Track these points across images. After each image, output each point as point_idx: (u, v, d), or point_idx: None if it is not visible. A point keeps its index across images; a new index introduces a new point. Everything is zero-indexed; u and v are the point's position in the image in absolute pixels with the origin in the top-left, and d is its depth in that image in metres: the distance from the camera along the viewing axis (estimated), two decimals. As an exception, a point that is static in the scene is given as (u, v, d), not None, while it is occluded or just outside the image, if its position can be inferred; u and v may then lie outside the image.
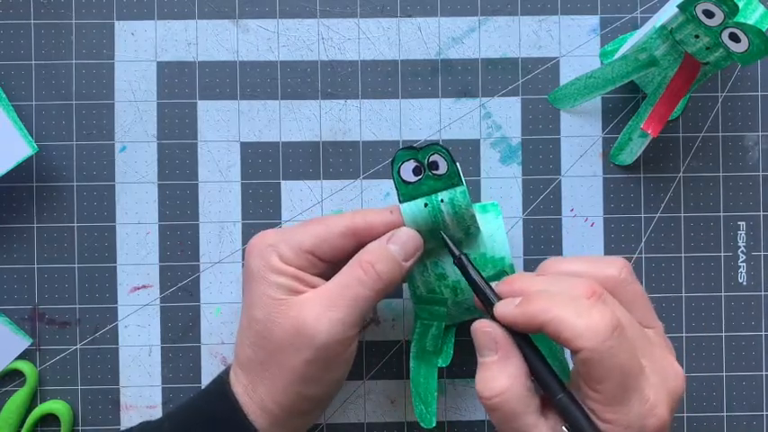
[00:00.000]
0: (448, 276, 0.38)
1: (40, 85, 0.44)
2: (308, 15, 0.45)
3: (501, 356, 0.32)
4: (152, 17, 0.45)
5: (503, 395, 0.31)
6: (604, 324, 0.29)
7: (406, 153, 0.36)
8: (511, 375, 0.32)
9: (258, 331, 0.35)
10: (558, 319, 0.30)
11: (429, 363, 0.40)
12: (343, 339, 0.34)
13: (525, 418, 0.31)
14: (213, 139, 0.45)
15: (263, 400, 0.35)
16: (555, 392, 0.31)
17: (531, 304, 0.31)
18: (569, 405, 0.31)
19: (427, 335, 0.39)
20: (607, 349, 0.29)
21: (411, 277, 0.38)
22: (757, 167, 0.45)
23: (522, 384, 0.31)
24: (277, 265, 0.35)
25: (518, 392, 0.31)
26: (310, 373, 0.35)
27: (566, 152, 0.45)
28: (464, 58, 0.45)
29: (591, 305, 0.30)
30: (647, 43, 0.40)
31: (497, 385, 0.31)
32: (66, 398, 0.44)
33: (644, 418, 0.30)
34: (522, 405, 0.31)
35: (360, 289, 0.35)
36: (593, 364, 0.29)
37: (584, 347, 0.29)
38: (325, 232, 0.36)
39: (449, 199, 0.36)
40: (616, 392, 0.30)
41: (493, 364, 0.32)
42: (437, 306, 0.39)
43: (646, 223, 0.45)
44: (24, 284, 0.44)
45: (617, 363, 0.29)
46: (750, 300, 0.45)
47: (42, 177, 0.44)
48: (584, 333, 0.29)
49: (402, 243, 0.36)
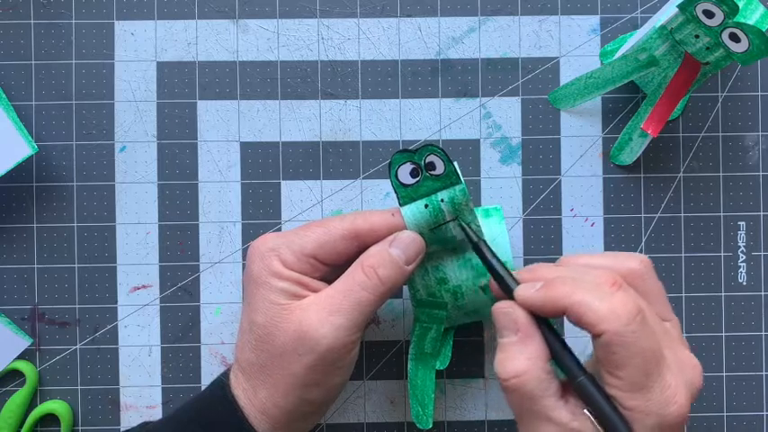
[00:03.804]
0: (449, 281, 0.38)
1: (39, 85, 0.44)
2: (308, 15, 0.45)
3: (521, 337, 0.32)
4: (152, 17, 0.45)
5: (521, 376, 0.31)
6: (627, 308, 0.29)
7: (402, 156, 0.36)
8: (530, 357, 0.31)
9: (260, 336, 0.35)
10: (581, 303, 0.30)
11: (427, 365, 0.40)
12: (345, 344, 0.34)
13: (543, 400, 0.31)
14: (213, 139, 0.45)
15: (265, 404, 0.35)
16: (576, 375, 0.31)
17: (554, 288, 0.31)
18: (590, 387, 0.30)
19: (426, 337, 0.39)
20: (630, 333, 0.29)
21: (411, 280, 0.38)
22: (757, 167, 0.45)
23: (541, 366, 0.31)
24: (279, 270, 0.35)
25: (537, 374, 0.31)
26: (312, 378, 0.35)
27: (566, 152, 0.45)
28: (464, 58, 0.45)
29: (613, 291, 0.30)
30: (647, 43, 0.40)
31: (516, 366, 0.31)
32: (66, 398, 0.44)
33: (665, 405, 0.30)
34: (541, 387, 0.31)
35: (362, 293, 0.35)
36: (615, 348, 0.29)
37: (606, 330, 0.29)
38: (326, 235, 0.36)
39: (449, 198, 0.36)
40: (638, 378, 0.29)
41: (512, 344, 0.32)
42: (437, 310, 0.39)
43: (646, 223, 0.45)
44: (24, 284, 0.44)
45: (639, 347, 0.29)
46: (750, 300, 0.45)
47: (42, 177, 0.44)
48: (607, 316, 0.29)
49: (404, 247, 0.36)
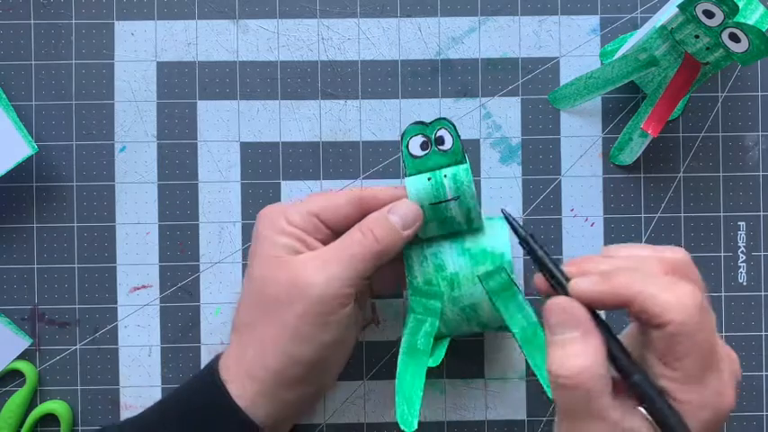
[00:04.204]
0: (446, 268, 0.38)
1: (39, 85, 0.44)
2: (308, 15, 0.45)
3: (582, 333, 0.30)
4: (152, 17, 0.45)
5: (583, 374, 0.29)
6: (693, 299, 0.29)
7: (416, 128, 0.38)
8: (592, 354, 0.30)
9: (254, 289, 0.36)
10: (645, 294, 0.29)
11: (418, 361, 0.38)
12: (337, 295, 0.35)
13: (601, 399, 0.30)
14: (213, 139, 0.45)
15: (252, 365, 0.35)
16: (632, 372, 0.30)
17: (615, 280, 0.30)
18: (647, 385, 0.30)
19: (419, 331, 0.38)
20: (695, 323, 0.29)
21: (409, 267, 0.39)
22: (757, 167, 0.45)
23: (601, 363, 0.30)
24: (282, 226, 0.36)
25: (598, 371, 0.30)
26: (302, 330, 0.35)
27: (566, 152, 0.45)
28: (464, 58, 0.45)
29: (674, 281, 0.30)
30: (647, 43, 0.40)
31: (579, 363, 0.30)
32: (65, 398, 0.44)
33: (719, 396, 0.29)
34: (601, 384, 0.30)
35: (357, 248, 0.36)
36: (679, 339, 0.29)
37: (672, 321, 0.28)
38: (332, 198, 0.37)
39: (452, 175, 0.37)
40: (695, 370, 0.29)
41: (573, 341, 0.30)
42: (432, 300, 0.38)
43: (646, 223, 0.45)
44: (24, 284, 0.44)
45: (701, 338, 0.29)
46: (750, 300, 0.45)
47: (42, 177, 0.44)
48: (674, 306, 0.28)
49: (402, 213, 0.37)
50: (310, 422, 0.44)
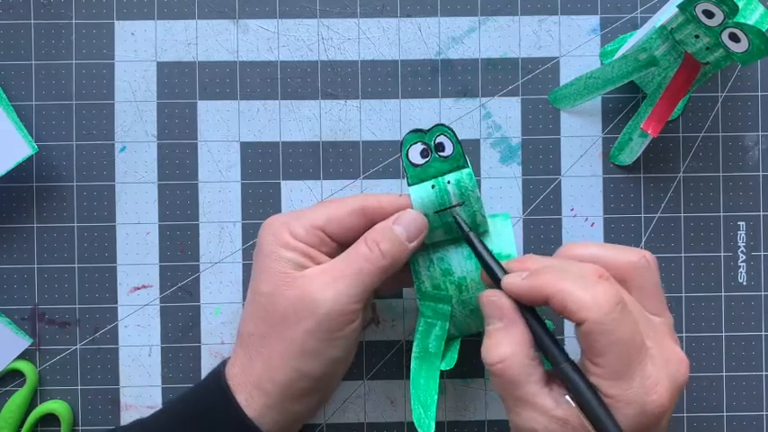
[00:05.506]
0: (453, 272, 0.38)
1: (40, 85, 0.44)
2: (308, 15, 0.45)
3: (506, 324, 0.33)
4: (152, 17, 0.45)
5: (505, 361, 0.32)
6: (608, 298, 0.30)
7: (414, 136, 0.37)
8: (514, 343, 0.32)
9: (262, 304, 0.36)
10: (564, 292, 0.31)
11: (431, 365, 0.39)
12: (345, 311, 0.35)
13: (527, 386, 0.32)
14: (213, 139, 0.45)
15: (260, 378, 0.35)
16: (558, 361, 0.32)
17: (539, 277, 0.32)
18: (572, 373, 0.31)
19: (430, 335, 0.39)
20: (610, 321, 0.30)
21: (416, 272, 0.38)
22: (757, 167, 0.45)
23: (524, 353, 0.32)
24: (287, 241, 0.36)
25: (520, 360, 0.32)
26: (310, 346, 0.35)
27: (566, 152, 0.45)
28: (464, 58, 0.45)
29: (594, 282, 0.31)
30: (647, 43, 0.41)
31: (501, 352, 0.32)
32: (66, 398, 0.44)
33: (645, 394, 0.30)
34: (525, 373, 0.32)
35: (364, 264, 0.36)
36: (595, 336, 0.30)
37: (587, 318, 0.30)
38: (336, 210, 0.37)
39: (455, 180, 0.37)
40: (618, 366, 0.30)
41: (498, 331, 0.33)
42: (441, 304, 0.39)
43: (646, 223, 0.45)
44: (24, 284, 0.44)
45: (619, 336, 0.30)
46: (750, 300, 0.45)
47: (42, 177, 0.44)
48: (589, 305, 0.30)
49: (406, 224, 0.37)
50: (310, 422, 0.44)
